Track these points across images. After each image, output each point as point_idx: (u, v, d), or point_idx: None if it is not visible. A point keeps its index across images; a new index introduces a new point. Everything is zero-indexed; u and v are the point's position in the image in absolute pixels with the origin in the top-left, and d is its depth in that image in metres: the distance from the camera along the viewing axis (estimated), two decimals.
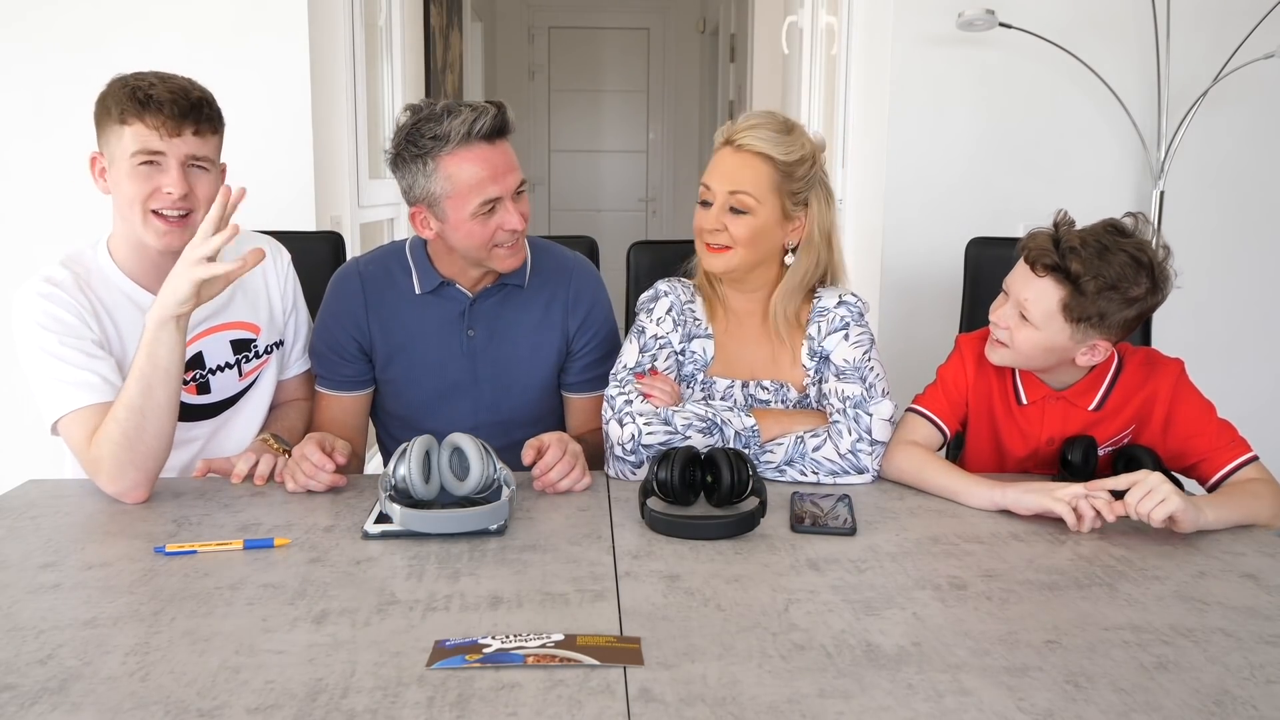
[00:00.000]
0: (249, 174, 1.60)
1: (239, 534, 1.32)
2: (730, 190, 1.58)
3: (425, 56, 4.07)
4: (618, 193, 7.39)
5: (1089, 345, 1.49)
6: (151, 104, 1.48)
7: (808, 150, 1.60)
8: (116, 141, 1.50)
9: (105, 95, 1.52)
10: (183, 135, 1.50)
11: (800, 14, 3.59)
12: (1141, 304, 1.46)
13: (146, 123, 1.48)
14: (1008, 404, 1.62)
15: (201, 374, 1.65)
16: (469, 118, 1.56)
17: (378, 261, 1.78)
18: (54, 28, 2.49)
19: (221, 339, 1.67)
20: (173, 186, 1.51)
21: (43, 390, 1.49)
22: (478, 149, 1.58)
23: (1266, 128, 2.62)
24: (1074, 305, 1.45)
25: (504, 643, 1.02)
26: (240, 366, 1.69)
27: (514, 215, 1.62)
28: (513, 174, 1.62)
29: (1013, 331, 1.51)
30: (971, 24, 2.39)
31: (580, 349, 1.78)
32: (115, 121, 1.49)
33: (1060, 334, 1.48)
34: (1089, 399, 1.57)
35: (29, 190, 2.53)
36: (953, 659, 1.00)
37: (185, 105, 1.50)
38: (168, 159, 1.50)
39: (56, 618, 1.07)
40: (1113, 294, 1.43)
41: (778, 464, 1.55)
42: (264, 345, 1.72)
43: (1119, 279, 1.43)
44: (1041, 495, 1.38)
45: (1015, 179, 2.59)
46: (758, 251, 1.61)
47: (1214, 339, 2.67)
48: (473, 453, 1.38)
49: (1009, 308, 1.52)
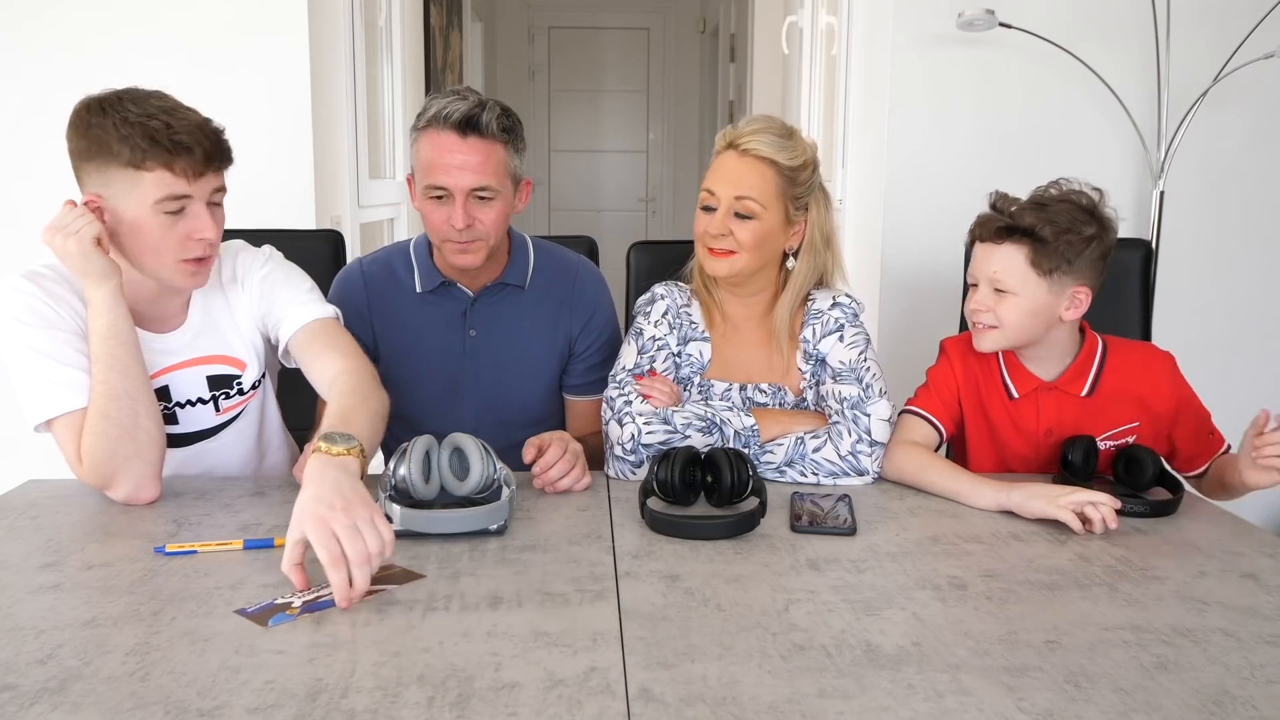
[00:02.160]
0: (249, 174, 1.60)
1: (239, 534, 1.32)
2: (736, 195, 1.57)
3: (425, 56, 4.07)
4: (618, 193, 7.39)
5: (1069, 296, 1.53)
6: (180, 150, 1.37)
7: (809, 155, 1.61)
8: (130, 188, 1.38)
9: (97, 130, 1.37)
10: (206, 175, 1.42)
11: (800, 14, 3.58)
12: (1100, 243, 1.52)
13: (175, 170, 1.38)
14: (1001, 400, 1.62)
15: (167, 406, 1.54)
16: (448, 102, 1.58)
17: (381, 260, 1.78)
18: (55, 29, 2.49)
19: (195, 374, 1.55)
20: (207, 231, 1.43)
21: (30, 390, 1.42)
22: (444, 136, 1.57)
23: (1266, 128, 2.62)
24: (1040, 257, 1.50)
25: (306, 596, 1.11)
26: (218, 402, 1.58)
27: (458, 214, 1.58)
28: (468, 173, 1.57)
29: (995, 310, 1.54)
30: (971, 24, 2.40)
31: (582, 351, 1.78)
32: (125, 165, 1.37)
33: (1039, 291, 1.52)
34: (1079, 385, 1.59)
35: (29, 191, 2.53)
36: (953, 659, 1.00)
37: (209, 147, 1.40)
38: (194, 202, 1.42)
39: (56, 618, 1.07)
40: (1070, 235, 1.49)
41: (778, 464, 1.55)
42: (250, 382, 1.60)
43: (1070, 222, 1.50)
44: (1046, 503, 1.38)
45: (1015, 179, 2.56)
46: (761, 256, 1.61)
47: (1214, 339, 2.67)
48: (473, 453, 1.38)
49: (983, 289, 1.55)
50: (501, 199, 1.62)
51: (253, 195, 2.42)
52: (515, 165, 1.64)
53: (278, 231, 1.93)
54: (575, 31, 7.24)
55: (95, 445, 1.39)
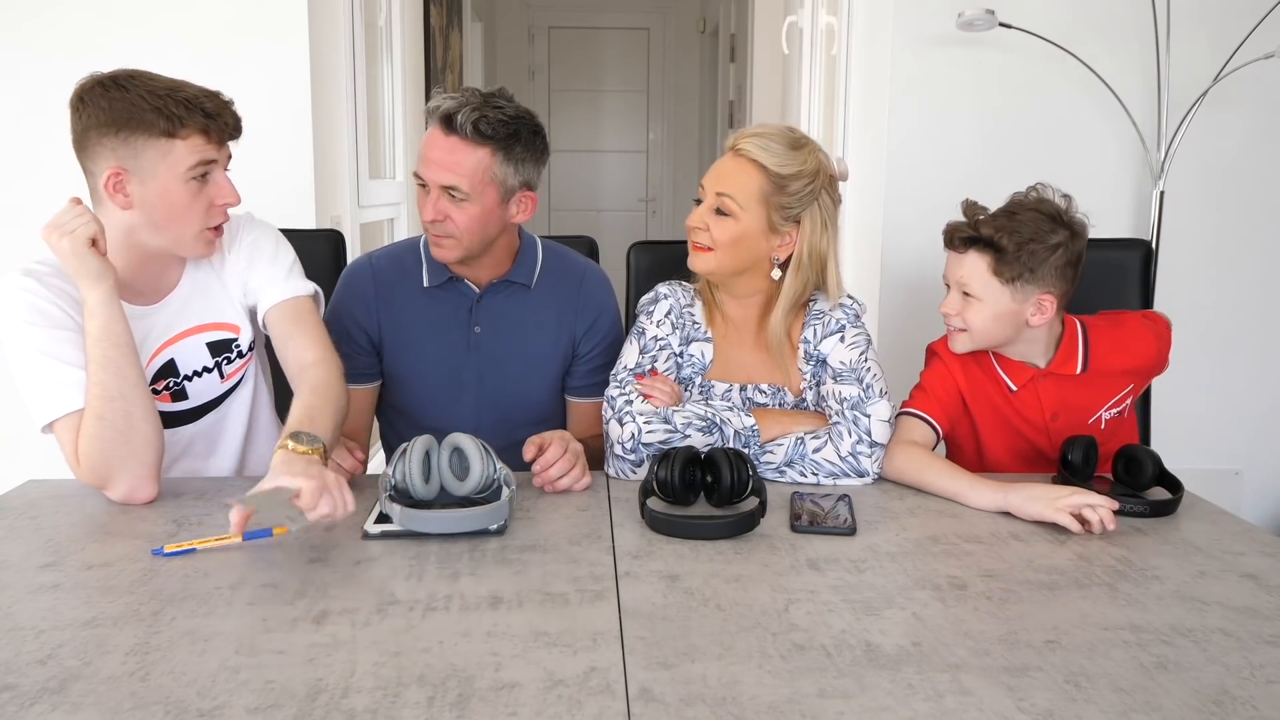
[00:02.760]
0: (249, 174, 1.60)
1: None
2: (717, 191, 1.59)
3: (425, 56, 4.07)
4: (618, 193, 7.39)
5: (1034, 303, 1.57)
6: (212, 116, 1.44)
7: (808, 168, 1.58)
8: (160, 157, 1.42)
9: (124, 104, 1.39)
10: (225, 142, 1.49)
11: (800, 14, 3.58)
12: (1067, 250, 1.56)
13: (210, 135, 1.44)
14: (1002, 394, 1.65)
15: (175, 381, 1.57)
16: (447, 98, 1.61)
17: (390, 255, 1.80)
18: (54, 30, 2.49)
19: (195, 342, 1.59)
20: (230, 197, 1.50)
21: (34, 391, 1.43)
22: (433, 129, 1.62)
23: (1266, 128, 2.62)
24: (1001, 266, 1.55)
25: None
26: (221, 368, 1.61)
27: (428, 206, 1.62)
28: (440, 169, 1.59)
29: (963, 314, 1.60)
30: (971, 24, 2.39)
31: (586, 353, 1.79)
32: (159, 135, 1.41)
33: (1002, 297, 1.56)
34: (1072, 365, 1.64)
35: (29, 191, 2.53)
36: (953, 659, 1.00)
37: (234, 115, 1.48)
38: (217, 168, 1.48)
39: (56, 618, 1.07)
40: (1033, 245, 1.54)
41: (778, 465, 1.55)
42: (246, 344, 1.64)
43: (1033, 232, 1.54)
44: (1044, 506, 1.38)
45: (1015, 179, 2.55)
46: (737, 258, 1.60)
47: (1214, 339, 2.66)
48: (473, 453, 1.38)
49: (953, 294, 1.62)
50: (475, 203, 1.60)
51: (253, 195, 2.42)
52: (502, 173, 1.61)
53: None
54: (575, 31, 7.24)
55: (90, 447, 1.40)
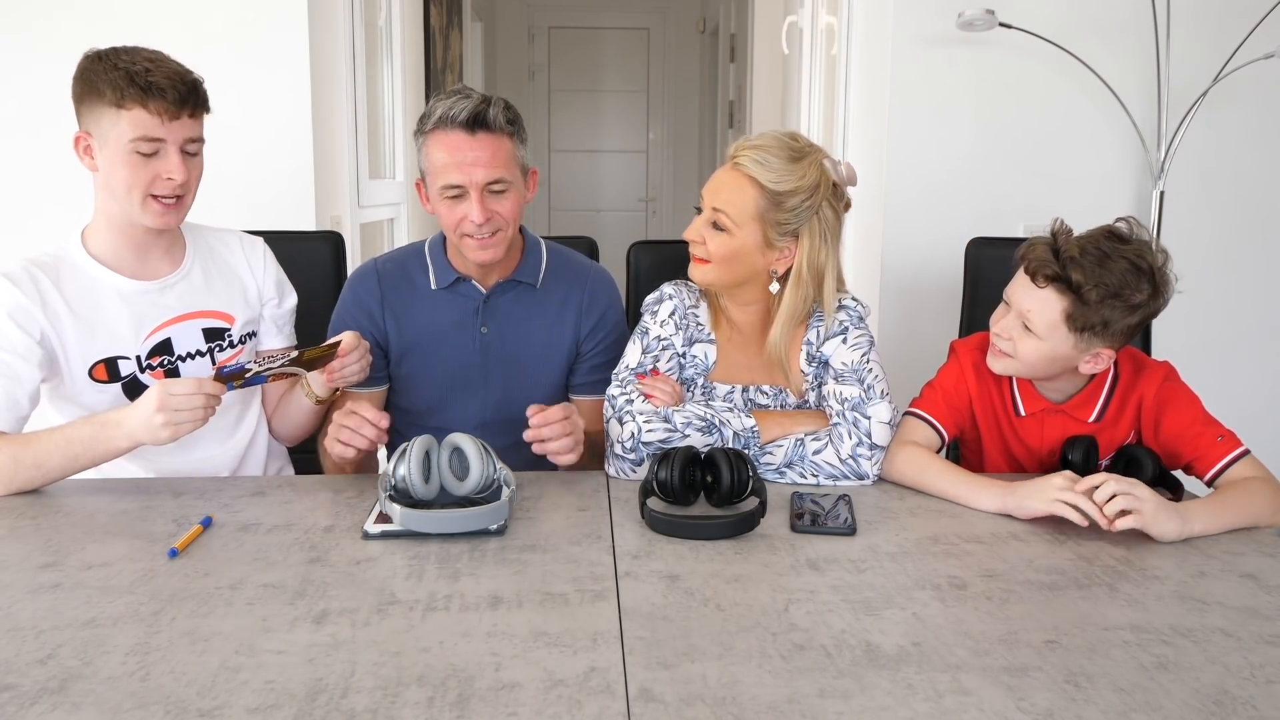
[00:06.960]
0: (249, 174, 1.61)
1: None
2: (713, 206, 1.59)
3: (425, 56, 4.07)
4: (618, 193, 7.39)
5: (1092, 354, 1.49)
6: (154, 90, 1.47)
7: (806, 182, 1.55)
8: (111, 125, 1.49)
9: (91, 73, 1.50)
10: (180, 119, 1.51)
11: (800, 14, 3.58)
12: (1144, 310, 1.46)
13: (150, 109, 1.48)
14: (1008, 414, 1.62)
15: (170, 360, 1.64)
16: (453, 103, 1.60)
17: (396, 259, 1.81)
18: (54, 28, 2.49)
19: (192, 326, 1.66)
20: (174, 172, 1.52)
21: None
22: (454, 135, 1.60)
23: (1266, 128, 2.62)
24: (1077, 315, 1.45)
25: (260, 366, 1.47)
26: (213, 355, 1.68)
27: (476, 209, 1.61)
28: (481, 169, 1.60)
29: (1016, 342, 1.50)
30: (971, 24, 2.39)
31: (589, 351, 1.79)
32: (109, 104, 1.48)
33: (1064, 343, 1.48)
34: (1088, 411, 1.58)
35: (30, 191, 2.53)
36: (953, 659, 1.00)
37: (184, 90, 1.51)
38: (167, 145, 1.51)
39: (56, 618, 1.07)
40: (1115, 301, 1.43)
41: (777, 465, 1.55)
42: (238, 335, 1.71)
43: (1121, 286, 1.42)
44: (1041, 500, 1.37)
45: (1015, 179, 2.59)
46: (733, 271, 1.60)
47: (1214, 339, 2.67)
48: (473, 453, 1.38)
49: (1011, 318, 1.51)
50: (514, 190, 1.66)
51: (253, 195, 2.43)
52: (522, 156, 1.68)
53: (278, 233, 1.93)
54: (575, 31, 7.24)
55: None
